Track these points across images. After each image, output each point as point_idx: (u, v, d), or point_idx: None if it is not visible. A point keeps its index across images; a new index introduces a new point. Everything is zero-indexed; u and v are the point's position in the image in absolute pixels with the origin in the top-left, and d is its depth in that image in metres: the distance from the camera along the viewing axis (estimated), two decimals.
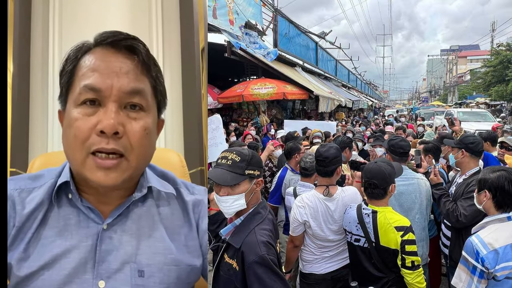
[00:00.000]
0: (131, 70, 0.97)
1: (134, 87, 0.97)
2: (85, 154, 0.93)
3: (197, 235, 1.15)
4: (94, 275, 0.99)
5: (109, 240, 1.02)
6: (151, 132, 1.02)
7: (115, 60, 0.97)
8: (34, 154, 2.00)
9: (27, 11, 2.02)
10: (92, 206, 1.03)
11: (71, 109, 0.97)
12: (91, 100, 0.94)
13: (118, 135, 0.93)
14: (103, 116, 0.93)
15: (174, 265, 1.07)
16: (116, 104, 0.94)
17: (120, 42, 0.98)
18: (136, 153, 0.97)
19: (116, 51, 0.98)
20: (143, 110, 1.00)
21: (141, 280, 1.02)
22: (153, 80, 1.03)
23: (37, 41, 2.04)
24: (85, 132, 0.93)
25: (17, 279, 0.98)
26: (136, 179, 1.08)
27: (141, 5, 2.09)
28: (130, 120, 0.96)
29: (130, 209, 1.07)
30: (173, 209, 1.14)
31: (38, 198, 1.02)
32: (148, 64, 1.01)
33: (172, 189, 1.17)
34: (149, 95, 1.02)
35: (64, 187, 1.04)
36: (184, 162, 1.79)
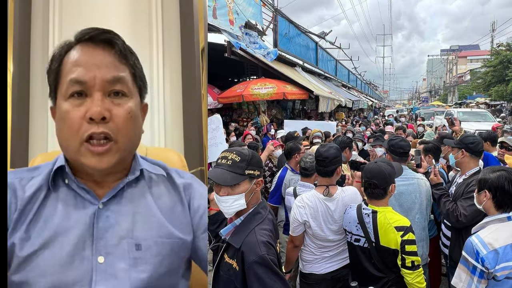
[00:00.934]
0: (110, 61, 1.08)
1: (115, 76, 1.07)
2: (79, 142, 1.04)
3: (188, 213, 1.23)
4: (93, 252, 1.06)
5: (106, 218, 1.10)
6: (135, 115, 1.12)
7: (95, 54, 1.07)
8: (34, 154, 2.00)
9: (27, 11, 2.02)
10: (87, 188, 1.11)
11: (61, 102, 1.07)
12: (78, 92, 1.05)
13: (106, 120, 1.04)
14: (90, 105, 1.04)
15: (167, 238, 1.15)
16: (100, 93, 1.05)
17: (97, 37, 1.08)
18: (123, 134, 1.07)
19: (95, 45, 1.08)
20: (126, 96, 1.10)
21: (138, 253, 1.10)
22: (131, 67, 1.13)
23: (37, 41, 2.04)
24: (77, 121, 1.03)
25: (19, 259, 1.03)
26: (127, 161, 1.17)
27: (141, 5, 2.09)
28: (115, 106, 1.07)
29: (124, 189, 1.15)
30: (164, 189, 1.23)
31: (37, 183, 1.11)
32: (125, 54, 1.11)
33: (163, 171, 1.27)
34: (130, 81, 1.12)
35: (60, 173, 1.13)
36: (185, 162, 1.79)
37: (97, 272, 1.05)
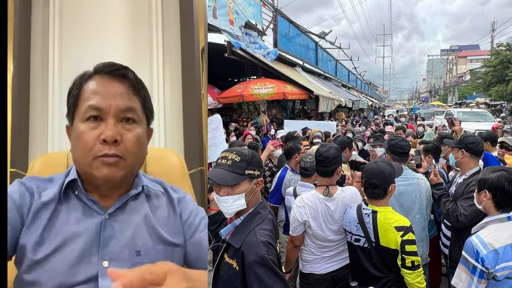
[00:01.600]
0: (124, 92, 1.24)
1: (128, 106, 1.24)
2: (92, 158, 1.18)
3: (180, 222, 1.40)
4: (99, 257, 1.20)
5: (111, 228, 1.24)
6: (142, 139, 1.29)
7: (111, 86, 1.23)
8: (34, 154, 2.00)
9: (27, 11, 2.02)
10: (95, 199, 1.26)
11: (78, 124, 1.22)
12: (94, 116, 1.20)
13: (117, 142, 1.19)
14: (104, 128, 1.19)
15: (162, 244, 1.31)
16: (114, 119, 1.20)
17: (115, 71, 1.25)
18: (131, 155, 1.23)
19: (112, 78, 1.24)
20: (135, 123, 1.26)
21: (138, 258, 1.24)
22: (142, 99, 1.30)
23: (37, 41, 2.04)
24: (91, 141, 1.18)
25: (31, 261, 1.15)
26: (132, 178, 1.33)
27: (141, 5, 2.09)
28: (126, 131, 1.22)
29: (127, 203, 1.30)
30: (161, 203, 1.40)
31: (51, 194, 1.24)
32: (137, 87, 1.29)
33: (161, 188, 1.44)
34: (139, 111, 1.28)
35: (72, 185, 1.26)
36: (184, 162, 1.79)
37: (102, 275, 1.19)
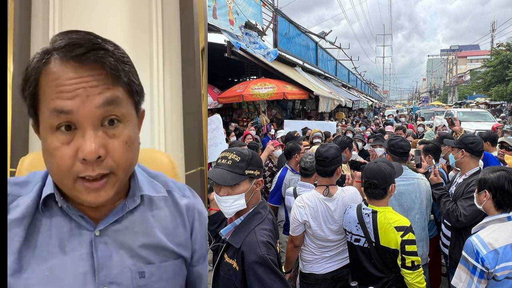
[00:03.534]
0: (101, 84, 0.86)
1: (108, 99, 0.87)
2: (72, 180, 0.88)
3: (190, 234, 1.16)
4: (96, 284, 0.96)
5: (104, 246, 0.99)
6: (133, 141, 0.96)
7: (82, 76, 0.85)
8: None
9: (27, 11, 2.02)
10: (83, 214, 0.98)
11: (47, 135, 0.88)
12: (66, 125, 0.86)
13: (101, 158, 0.87)
14: (82, 142, 0.85)
15: (169, 260, 1.08)
16: (92, 126, 0.86)
17: (83, 56, 0.85)
18: (122, 167, 0.93)
19: (82, 65, 0.85)
20: (121, 122, 0.92)
21: (143, 280, 1.02)
22: (126, 84, 0.92)
23: (37, 41, 2.04)
24: (68, 161, 0.86)
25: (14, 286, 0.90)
26: (126, 183, 1.04)
27: (141, 6, 2.09)
28: (110, 139, 0.89)
29: (123, 216, 1.03)
30: (166, 212, 1.13)
31: (25, 205, 0.96)
32: (117, 71, 0.89)
33: (165, 191, 1.15)
34: (124, 100, 0.92)
35: (52, 196, 0.98)
36: (175, 163, 1.76)
37: None
